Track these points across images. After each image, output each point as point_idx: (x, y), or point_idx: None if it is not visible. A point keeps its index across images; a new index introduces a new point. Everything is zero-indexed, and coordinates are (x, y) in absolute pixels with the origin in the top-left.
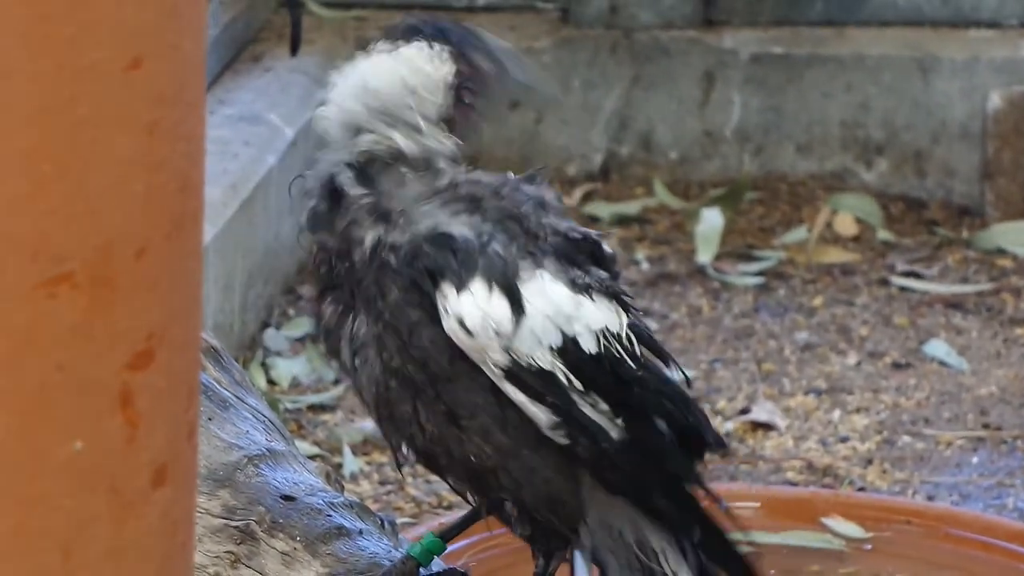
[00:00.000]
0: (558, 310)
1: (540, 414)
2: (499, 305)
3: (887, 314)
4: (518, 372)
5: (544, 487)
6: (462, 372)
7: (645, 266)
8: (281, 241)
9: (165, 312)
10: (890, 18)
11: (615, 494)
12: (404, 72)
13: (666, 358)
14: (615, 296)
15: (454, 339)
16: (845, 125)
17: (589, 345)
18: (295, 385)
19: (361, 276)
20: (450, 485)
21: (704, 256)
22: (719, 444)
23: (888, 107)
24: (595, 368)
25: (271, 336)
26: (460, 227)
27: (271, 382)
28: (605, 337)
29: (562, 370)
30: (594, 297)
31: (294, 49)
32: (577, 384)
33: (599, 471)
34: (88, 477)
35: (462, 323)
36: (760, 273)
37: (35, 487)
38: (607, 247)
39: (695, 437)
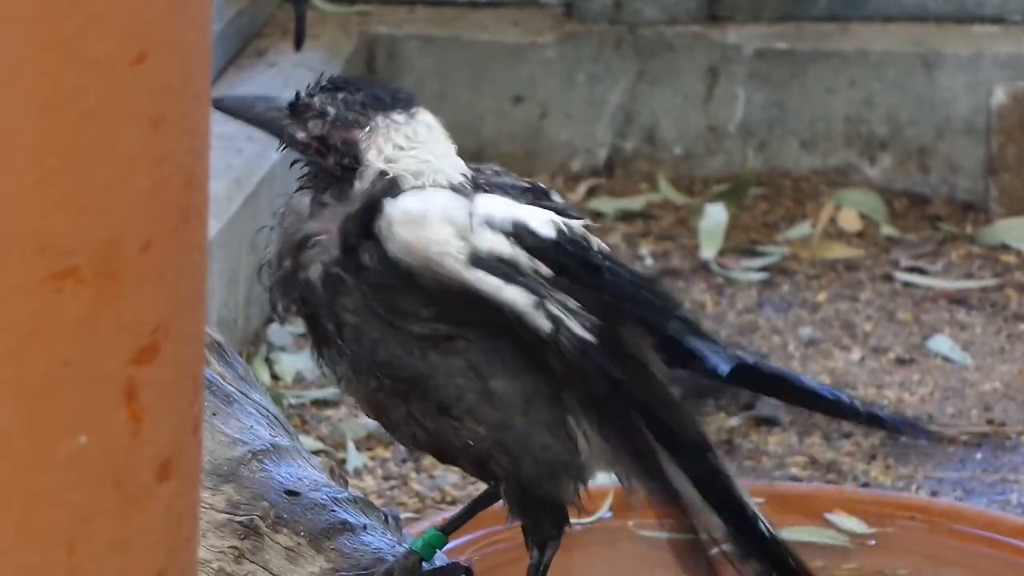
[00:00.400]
0: (503, 208)
1: (517, 295)
2: (444, 197)
3: (891, 309)
4: (481, 258)
5: (543, 454)
6: (435, 363)
7: (649, 261)
8: None
9: (170, 306)
10: (894, 13)
11: (600, 409)
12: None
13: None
14: (564, 211)
15: (403, 246)
16: (849, 120)
17: (546, 230)
18: (299, 380)
19: (321, 314)
20: (463, 469)
21: (708, 251)
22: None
23: (892, 102)
24: (558, 252)
25: (275, 331)
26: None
27: (275, 377)
28: (562, 225)
29: (522, 254)
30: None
31: (298, 44)
32: (544, 270)
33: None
34: (93, 471)
35: (408, 215)
36: (764, 268)
37: (40, 481)
38: (556, 197)
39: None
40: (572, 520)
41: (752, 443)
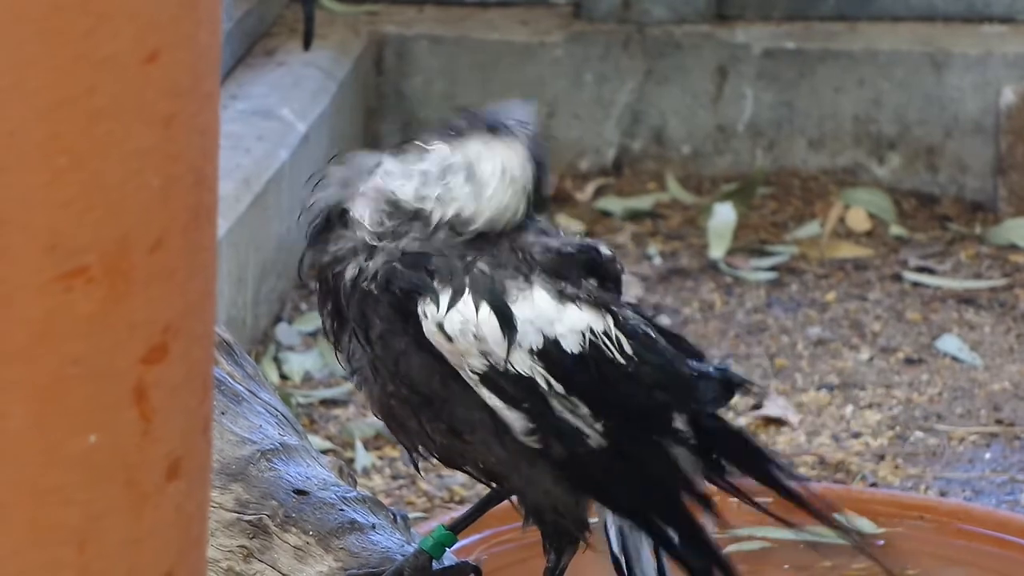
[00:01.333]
0: (540, 314)
1: (514, 420)
2: (484, 316)
3: (900, 309)
4: (495, 377)
5: (545, 498)
6: (455, 392)
7: (657, 261)
8: (294, 236)
9: (180, 305)
10: (902, 13)
11: (592, 498)
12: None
13: (693, 353)
14: (603, 304)
15: (434, 342)
16: (857, 120)
17: (571, 345)
18: (307, 380)
19: (347, 304)
20: (471, 475)
21: (716, 251)
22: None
23: (900, 102)
24: (577, 368)
25: (283, 331)
26: (437, 251)
27: (283, 376)
28: (590, 335)
29: (541, 374)
30: (580, 305)
31: (307, 43)
32: (557, 387)
33: (573, 476)
34: (103, 470)
35: (441, 327)
36: (772, 268)
37: (50, 480)
38: (605, 250)
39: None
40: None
41: (761, 443)
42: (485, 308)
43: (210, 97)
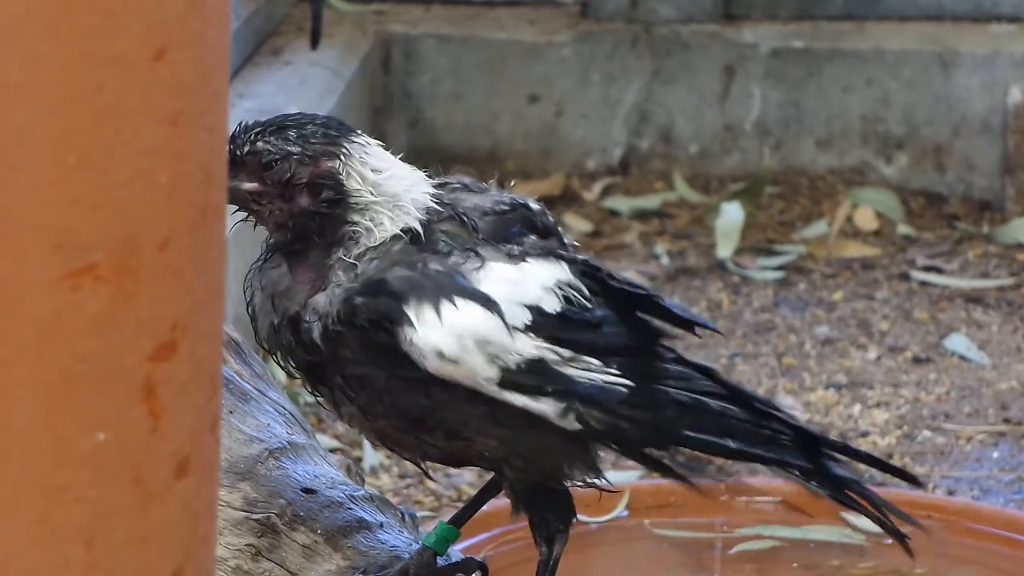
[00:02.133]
0: (511, 289)
1: (547, 408)
2: (471, 314)
3: (907, 308)
4: (511, 377)
5: (555, 455)
6: (444, 399)
7: (665, 260)
8: None
9: (188, 303)
10: (910, 12)
11: (645, 447)
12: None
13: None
14: (548, 253)
15: (441, 375)
16: (865, 119)
17: (552, 305)
18: None
19: (325, 366)
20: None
21: (724, 250)
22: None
23: (908, 101)
24: (567, 326)
25: None
26: (393, 269)
27: (291, 376)
28: (560, 289)
29: (545, 347)
30: (529, 261)
31: (314, 42)
32: (563, 352)
33: (619, 435)
34: (111, 468)
35: (441, 355)
36: (780, 267)
37: (58, 477)
38: (534, 204)
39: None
40: (590, 519)
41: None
42: (469, 307)
43: (218, 95)
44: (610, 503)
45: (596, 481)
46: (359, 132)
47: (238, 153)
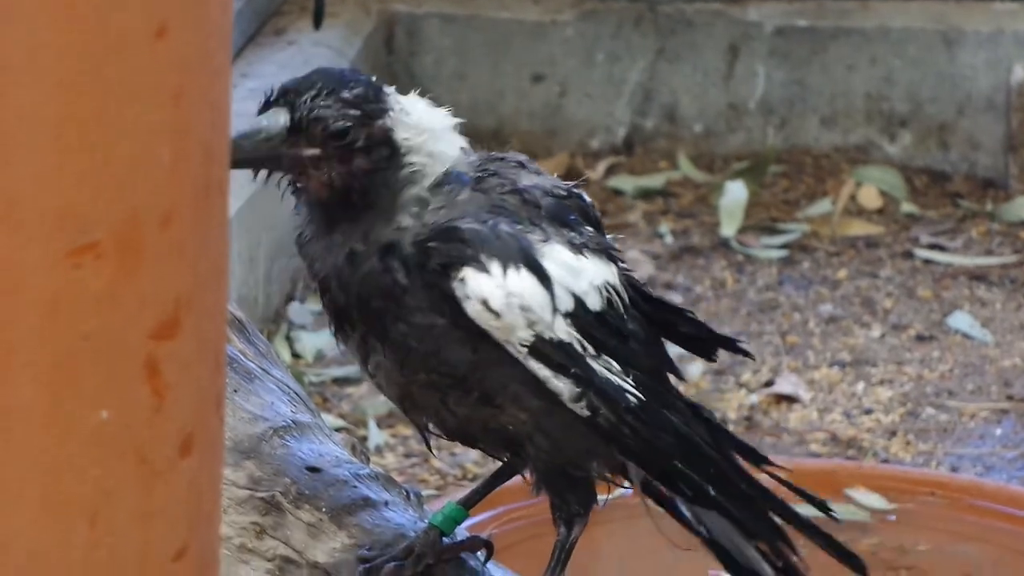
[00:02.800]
0: (565, 274)
1: (563, 387)
2: (525, 281)
3: (911, 286)
4: (540, 347)
5: (582, 440)
6: (491, 359)
7: (669, 239)
8: None
9: (191, 281)
10: None
11: (634, 461)
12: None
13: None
14: (605, 250)
15: (479, 322)
16: (869, 98)
17: (594, 303)
18: (319, 358)
19: (366, 301)
20: (483, 451)
21: (728, 229)
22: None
23: (912, 80)
24: (601, 327)
25: (295, 309)
26: (465, 220)
27: (295, 355)
28: (607, 291)
29: (576, 337)
30: (588, 255)
31: (317, 22)
32: (590, 348)
33: (619, 439)
34: (115, 446)
35: (487, 305)
36: (784, 246)
37: (62, 455)
38: (585, 196)
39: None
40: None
41: (772, 420)
42: (526, 275)
43: (221, 72)
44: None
45: (615, 480)
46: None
47: (301, 121)
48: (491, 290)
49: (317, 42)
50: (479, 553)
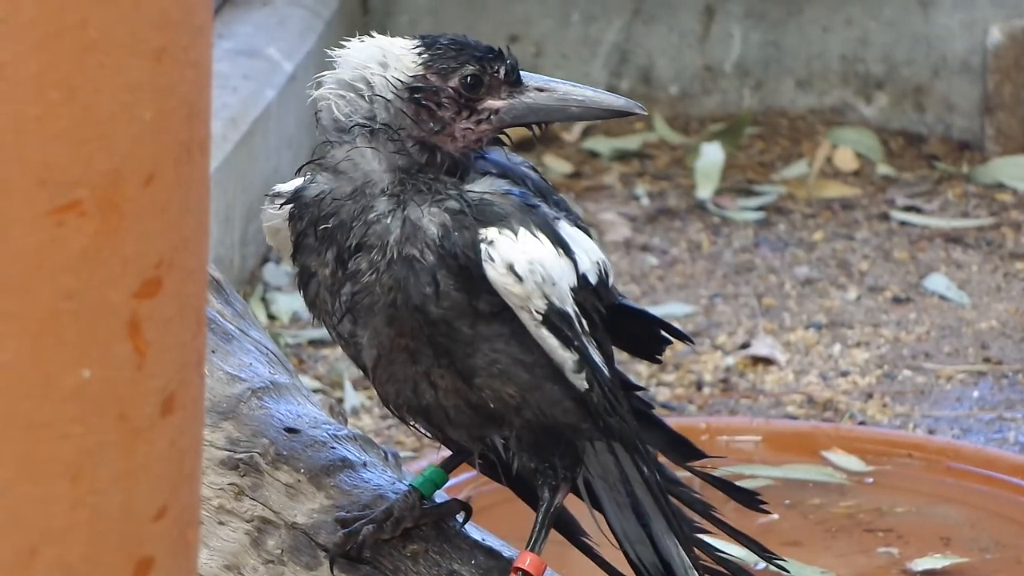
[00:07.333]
0: (578, 251)
1: (568, 358)
2: (547, 251)
3: (887, 248)
4: (551, 317)
5: (564, 417)
6: (483, 330)
7: (645, 201)
8: (281, 175)
9: (173, 240)
10: None
11: (614, 440)
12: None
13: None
14: (585, 230)
15: (500, 287)
16: (845, 60)
17: (592, 278)
18: (295, 320)
19: (372, 279)
20: (445, 434)
21: (704, 191)
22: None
23: (888, 41)
24: (593, 301)
25: (271, 271)
26: (492, 193)
27: (271, 317)
28: (600, 266)
29: (575, 312)
30: (589, 234)
31: None
32: (584, 324)
33: (602, 415)
34: (97, 404)
35: (512, 269)
36: (760, 208)
37: (44, 413)
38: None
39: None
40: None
41: (749, 382)
42: (549, 246)
43: (202, 30)
44: None
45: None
46: None
47: (496, 73)
48: (518, 256)
49: (293, 2)
50: (457, 516)
